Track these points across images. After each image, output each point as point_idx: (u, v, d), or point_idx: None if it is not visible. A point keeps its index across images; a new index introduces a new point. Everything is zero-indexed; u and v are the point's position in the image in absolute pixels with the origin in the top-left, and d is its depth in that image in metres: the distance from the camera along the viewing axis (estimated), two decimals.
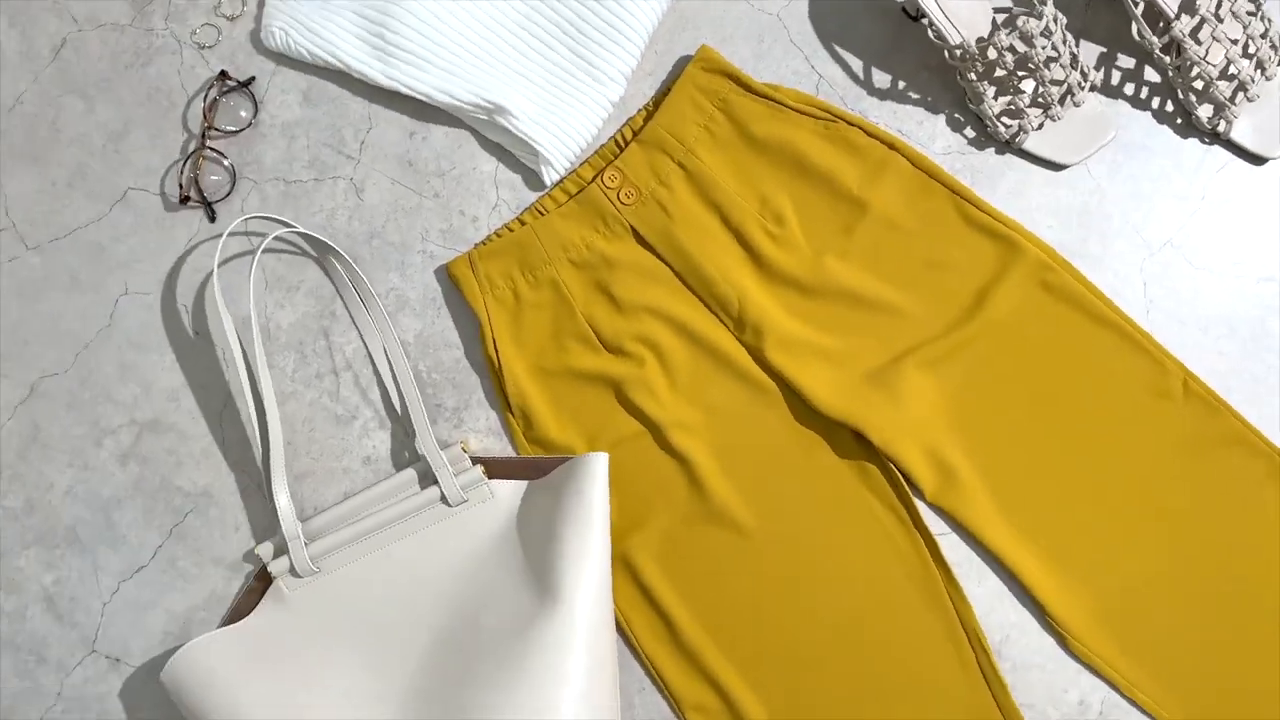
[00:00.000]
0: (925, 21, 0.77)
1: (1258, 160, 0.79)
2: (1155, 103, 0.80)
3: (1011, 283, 0.77)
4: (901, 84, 0.82)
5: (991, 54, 0.75)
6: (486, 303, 0.81)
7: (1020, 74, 0.76)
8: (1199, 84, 0.77)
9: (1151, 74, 0.80)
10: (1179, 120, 0.79)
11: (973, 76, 0.78)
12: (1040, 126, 0.78)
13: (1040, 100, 0.77)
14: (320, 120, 0.85)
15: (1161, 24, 0.75)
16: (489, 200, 0.84)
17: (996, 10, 0.79)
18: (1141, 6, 0.75)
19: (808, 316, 0.79)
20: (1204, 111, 0.78)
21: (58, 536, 0.83)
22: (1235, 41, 0.74)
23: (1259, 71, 0.75)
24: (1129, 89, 0.80)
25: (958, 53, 0.76)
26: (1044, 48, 0.74)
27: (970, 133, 0.81)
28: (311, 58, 0.83)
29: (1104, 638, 0.75)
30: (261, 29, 0.85)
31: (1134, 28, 0.75)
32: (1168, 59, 0.76)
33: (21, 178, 0.85)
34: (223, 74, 0.85)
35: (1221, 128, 0.77)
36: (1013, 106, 0.78)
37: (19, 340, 0.84)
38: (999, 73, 0.77)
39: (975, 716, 0.75)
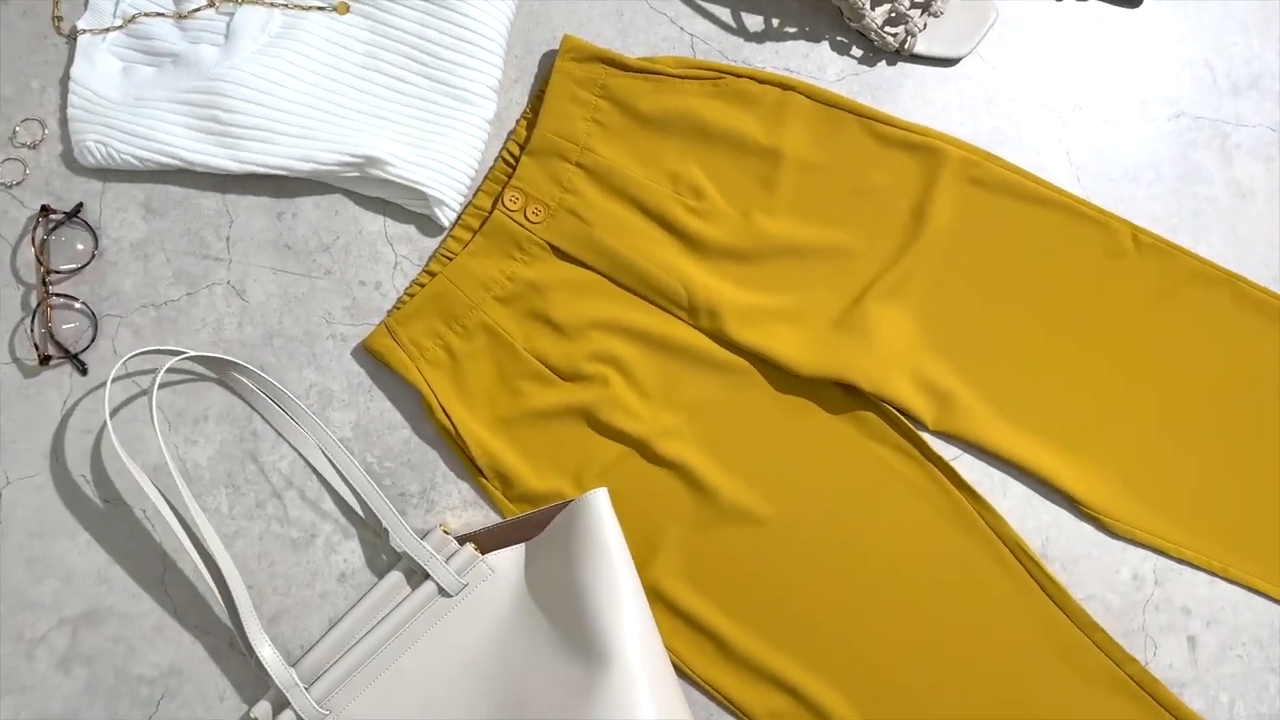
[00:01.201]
0: None
1: (1131, 4, 0.78)
2: None
3: (943, 189, 0.75)
4: (775, 21, 0.78)
5: None
6: (421, 369, 0.74)
7: None
8: None
9: None
10: None
11: None
12: (925, 27, 0.76)
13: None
14: (172, 229, 0.76)
15: None
16: (387, 261, 0.76)
17: None
18: None
19: (756, 283, 0.75)
20: None
21: None
22: None
23: None
24: None
25: None
26: None
27: (857, 52, 0.78)
28: (142, 163, 0.74)
29: (1137, 508, 0.74)
30: (74, 147, 0.74)
31: None
32: None
33: None
34: (44, 209, 0.74)
35: None
36: (893, 14, 0.75)
37: None
38: None
39: (1041, 626, 0.73)
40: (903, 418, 0.74)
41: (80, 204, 0.75)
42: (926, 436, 0.75)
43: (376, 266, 0.76)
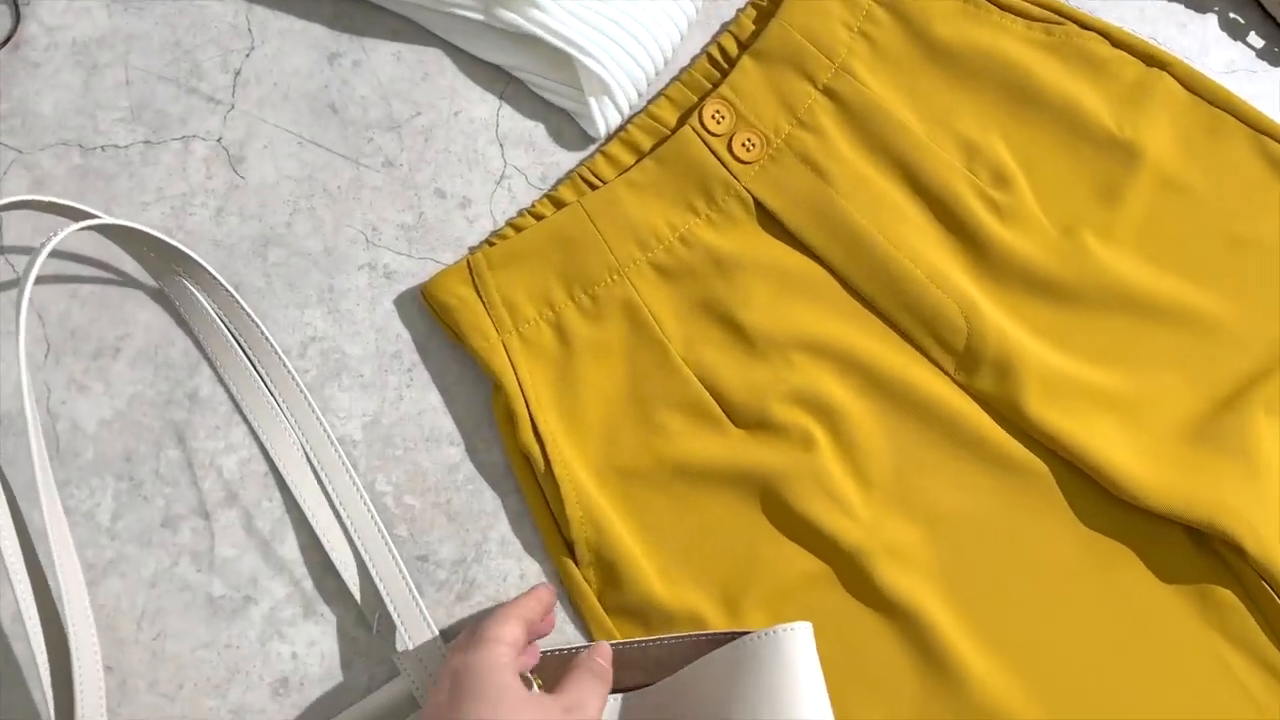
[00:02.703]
0: None
1: None
2: None
3: None
4: None
5: None
6: (509, 349, 0.44)
7: None
8: None
9: None
10: None
11: None
12: None
13: None
14: (151, 34, 0.46)
15: None
16: (490, 168, 0.46)
17: None
18: None
19: (1076, 340, 0.47)
20: None
21: None
22: None
23: None
24: None
25: None
26: None
27: (1258, 40, 0.52)
28: None
29: None
30: None
31: None
32: None
33: None
34: None
35: None
36: None
37: None
38: None
39: None
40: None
41: None
42: None
43: (471, 174, 0.46)
